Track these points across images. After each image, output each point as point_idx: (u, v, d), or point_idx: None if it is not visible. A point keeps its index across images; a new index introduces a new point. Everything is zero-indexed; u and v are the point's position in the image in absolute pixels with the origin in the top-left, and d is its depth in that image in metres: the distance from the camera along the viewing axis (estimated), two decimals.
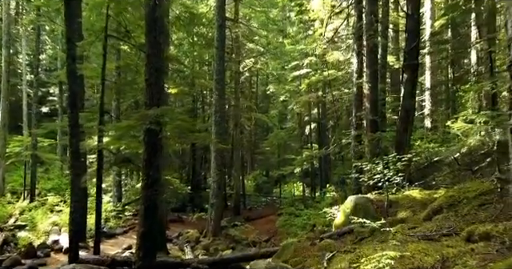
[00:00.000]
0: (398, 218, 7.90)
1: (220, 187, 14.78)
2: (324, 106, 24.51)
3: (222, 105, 14.81)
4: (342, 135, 20.97)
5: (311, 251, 7.66)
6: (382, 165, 9.01)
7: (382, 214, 8.74)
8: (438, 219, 5.49)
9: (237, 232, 15.67)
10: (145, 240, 7.15)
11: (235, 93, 21.39)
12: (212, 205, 14.68)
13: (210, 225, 14.67)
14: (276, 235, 16.94)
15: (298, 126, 26.12)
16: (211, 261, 8.83)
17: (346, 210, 9.44)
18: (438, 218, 5.55)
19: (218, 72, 14.78)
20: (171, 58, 8.91)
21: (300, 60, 22.69)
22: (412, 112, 13.40)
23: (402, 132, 13.01)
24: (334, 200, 17.61)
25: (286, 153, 29.12)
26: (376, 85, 13.37)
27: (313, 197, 21.87)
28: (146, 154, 7.38)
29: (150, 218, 7.27)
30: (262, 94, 37.07)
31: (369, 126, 13.21)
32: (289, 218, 18.06)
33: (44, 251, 11.57)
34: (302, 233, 15.31)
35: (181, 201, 23.41)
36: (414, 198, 8.82)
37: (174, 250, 13.25)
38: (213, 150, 14.79)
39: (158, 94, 7.45)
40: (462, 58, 24.33)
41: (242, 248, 14.42)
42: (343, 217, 9.45)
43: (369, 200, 9.17)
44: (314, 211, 17.49)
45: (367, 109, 13.25)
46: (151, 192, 7.28)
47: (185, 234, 14.74)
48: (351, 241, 7.72)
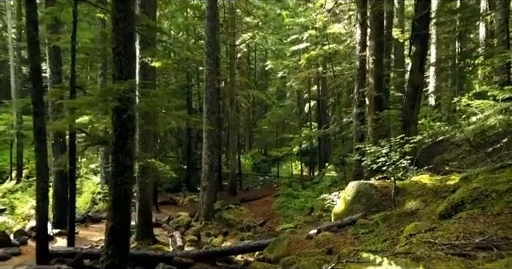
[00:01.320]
0: (406, 208, 6.81)
1: (212, 169, 13.71)
2: (324, 82, 23.18)
3: (213, 80, 13.54)
4: (343, 113, 19.77)
5: (307, 247, 6.62)
6: (389, 147, 7.85)
7: (388, 203, 7.67)
8: (463, 219, 4.39)
9: (231, 215, 14.71)
10: (115, 236, 6.09)
11: (230, 68, 20.03)
12: (204, 188, 13.65)
13: (201, 208, 13.69)
14: (272, 218, 16.02)
15: (296, 104, 24.87)
16: (195, 254, 7.83)
17: (346, 198, 8.37)
18: (461, 218, 4.45)
19: (209, 44, 13.44)
20: (143, 23, 7.57)
21: (299, 34, 21.22)
22: (420, 88, 12.12)
23: (408, 110, 11.78)
24: (333, 181, 16.60)
25: (285, 132, 28.00)
26: (381, 58, 12.07)
27: (311, 177, 20.86)
28: (115, 137, 6.22)
29: (120, 210, 6.20)
30: (261, 71, 35.60)
31: (372, 104, 11.99)
32: (286, 199, 17.12)
33: (21, 239, 10.61)
34: (299, 217, 14.40)
35: (176, 181, 22.44)
36: (423, 185, 7.70)
37: (163, 236, 12.29)
38: (204, 129, 13.63)
39: (128, 65, 6.21)
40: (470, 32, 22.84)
41: (236, 233, 13.50)
42: (343, 205, 8.38)
43: (372, 187, 8.07)
44: (312, 193, 16.52)
45: (371, 84, 11.99)
46: (121, 181, 6.17)
47: (175, 218, 13.77)
48: (353, 235, 6.66)
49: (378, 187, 8.04)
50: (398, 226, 5.94)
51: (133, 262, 8.00)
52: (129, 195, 6.37)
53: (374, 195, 7.86)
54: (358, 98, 12.85)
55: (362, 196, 7.97)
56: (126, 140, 6.29)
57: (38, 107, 7.56)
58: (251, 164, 28.78)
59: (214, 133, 13.87)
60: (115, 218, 6.21)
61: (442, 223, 4.63)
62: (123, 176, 6.25)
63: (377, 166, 8.47)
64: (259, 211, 17.01)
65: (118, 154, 6.26)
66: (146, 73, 10.72)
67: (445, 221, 4.79)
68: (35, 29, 7.61)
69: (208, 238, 12.65)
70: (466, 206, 4.87)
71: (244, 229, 13.75)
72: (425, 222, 4.85)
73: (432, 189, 7.37)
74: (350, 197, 8.21)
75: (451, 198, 5.29)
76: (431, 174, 8.53)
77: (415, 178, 8.46)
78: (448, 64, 22.44)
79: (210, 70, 13.50)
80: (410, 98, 11.99)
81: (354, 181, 8.74)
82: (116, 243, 6.17)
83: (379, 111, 11.93)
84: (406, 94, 12.25)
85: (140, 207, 10.86)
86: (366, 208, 7.75)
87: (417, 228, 4.60)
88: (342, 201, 8.46)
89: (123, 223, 6.27)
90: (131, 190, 6.54)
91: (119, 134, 6.25)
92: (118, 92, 5.77)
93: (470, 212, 4.55)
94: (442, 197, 6.52)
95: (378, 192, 7.92)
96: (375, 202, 7.76)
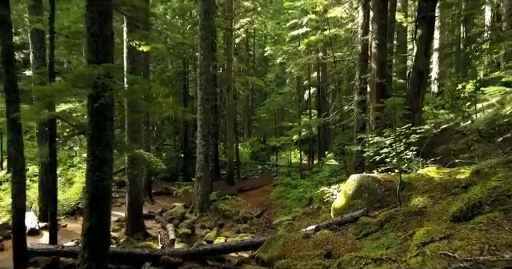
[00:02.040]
0: (413, 205, 6.19)
1: (207, 159, 13.08)
2: (324, 68, 22.35)
3: (208, 66, 12.79)
4: (343, 101, 19.04)
5: (304, 248, 6.03)
6: (394, 137, 7.17)
7: (392, 198, 7.05)
8: (483, 224, 3.76)
9: (227, 206, 14.14)
10: (92, 238, 5.48)
11: (227, 54, 19.21)
12: (199, 178, 13.04)
13: (196, 200, 13.11)
14: (270, 209, 15.45)
15: (296, 91, 24.08)
16: (185, 253, 7.25)
17: (347, 192, 7.75)
18: (481, 223, 3.82)
19: (204, 28, 12.64)
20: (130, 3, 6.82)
21: (299, 18, 20.33)
22: (426, 74, 11.43)
23: (413, 97, 11.10)
24: (332, 171, 15.99)
25: (284, 120, 27.30)
26: (384, 42, 11.30)
27: (310, 166, 20.25)
28: (91, 128, 5.56)
29: (98, 209, 5.58)
30: (260, 57, 34.68)
31: (375, 91, 11.28)
32: (284, 189, 16.51)
33: (5, 233, 10.01)
34: (297, 209, 13.83)
35: (172, 170, 21.87)
36: (430, 179, 7.07)
37: (156, 228, 11.74)
38: (198, 118, 12.94)
39: (103, 47, 5.51)
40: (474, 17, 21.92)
41: (232, 225, 12.94)
42: (344, 199, 7.77)
43: (375, 180, 7.44)
44: (311, 183, 15.91)
45: (373, 70, 11.26)
46: (99, 176, 5.53)
47: (169, 210, 13.20)
48: (354, 235, 6.05)
49: (381, 181, 7.41)
50: (404, 227, 5.32)
51: (118, 260, 7.46)
52: (108, 192, 5.74)
53: (377, 190, 7.24)
54: (360, 85, 12.13)
55: (364, 190, 7.36)
56: (103, 131, 5.62)
57: (11, 95, 6.87)
58: (250, 152, 28.17)
59: (209, 121, 13.20)
60: (92, 218, 5.59)
61: (457, 228, 3.99)
62: (101, 171, 5.61)
63: (380, 157, 7.85)
64: (257, 202, 16.44)
65: (94, 147, 5.61)
66: (133, 58, 9.99)
67: (460, 225, 4.15)
68: (6, 8, 6.87)
69: (203, 230, 12.10)
70: (484, 208, 4.23)
71: (240, 221, 13.20)
72: (437, 227, 4.21)
73: (440, 184, 6.74)
74: (351, 191, 7.59)
75: (466, 198, 4.65)
76: (438, 166, 7.88)
77: (421, 171, 7.83)
78: (452, 49, 21.60)
79: (204, 56, 12.74)
80: (414, 85, 11.29)
81: (356, 174, 8.11)
82: (93, 245, 5.56)
83: (382, 99, 11.23)
84: (411, 80, 11.55)
85: (130, 200, 10.26)
86: (368, 204, 7.14)
87: (429, 234, 3.97)
88: (343, 195, 7.84)
89: (102, 223, 5.65)
90: (110, 187, 5.91)
91: (96, 124, 5.58)
92: (91, 77, 5.08)
93: (491, 216, 3.92)
94: (453, 193, 5.90)
95: (382, 186, 7.29)
96: (378, 197, 7.15)
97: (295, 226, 12.01)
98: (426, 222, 5.08)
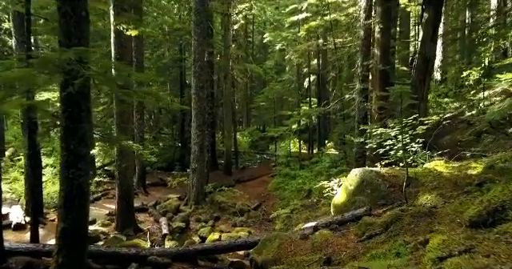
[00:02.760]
0: (421, 204, 5.61)
1: (202, 150, 12.50)
2: (325, 55, 21.61)
3: (202, 52, 12.09)
4: (344, 89, 18.37)
5: (301, 251, 5.47)
6: (400, 129, 6.55)
7: (397, 195, 6.48)
8: (510, 235, 3.19)
9: (223, 198, 13.61)
10: (67, 240, 4.94)
11: (225, 40, 18.45)
12: (194, 170, 12.47)
13: (191, 192, 12.58)
14: (268, 200, 14.94)
15: (296, 79, 23.35)
16: (174, 253, 6.71)
17: (348, 188, 7.18)
18: (507, 233, 3.25)
19: (198, 12, 11.90)
20: None
21: (299, 3, 19.49)
22: (432, 60, 10.74)
23: (418, 85, 10.45)
24: (332, 162, 15.42)
25: (283, 108, 26.63)
26: (389, 26, 10.59)
27: (310, 155, 19.67)
28: (65, 119, 4.96)
29: (74, 208, 5.02)
30: (259, 44, 33.82)
31: (378, 78, 10.63)
32: (283, 180, 15.98)
33: None
34: (295, 201, 13.31)
35: (169, 159, 21.34)
36: (439, 174, 6.49)
37: (148, 222, 11.23)
38: (193, 107, 12.31)
39: (77, 29, 4.87)
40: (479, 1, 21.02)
41: (228, 218, 12.43)
42: (345, 195, 7.20)
43: (379, 175, 6.86)
44: (310, 173, 15.36)
45: (376, 57, 10.58)
46: (74, 173, 4.95)
47: (163, 203, 12.66)
48: (356, 237, 5.49)
49: (385, 176, 6.82)
50: (413, 230, 4.76)
51: (103, 260, 6.94)
52: (84, 190, 5.16)
53: (381, 186, 6.66)
54: (362, 72, 11.45)
55: (367, 186, 6.78)
56: (78, 123, 5.02)
57: None
58: (249, 142, 27.59)
59: (203, 111, 12.57)
60: (67, 219, 5.03)
61: (478, 238, 3.41)
62: (76, 168, 5.02)
63: (384, 150, 7.25)
64: (254, 193, 15.93)
65: (68, 141, 5.01)
66: (122, 43, 9.31)
67: (481, 233, 3.57)
68: None
69: (198, 224, 11.60)
70: (508, 213, 3.65)
71: (237, 213, 12.69)
72: (454, 235, 3.63)
73: (450, 179, 6.16)
74: (353, 187, 7.02)
75: (485, 200, 4.07)
76: (446, 160, 7.29)
77: (428, 164, 7.24)
78: (457, 35, 20.79)
79: (198, 41, 12.04)
80: (419, 72, 10.62)
81: (357, 167, 7.52)
82: (69, 249, 5.01)
83: (385, 87, 10.60)
84: (415, 67, 10.88)
85: (120, 193, 9.72)
86: (372, 201, 6.57)
87: (445, 245, 3.39)
88: (343, 191, 7.27)
89: (78, 224, 5.09)
90: (88, 184, 5.33)
91: (69, 115, 4.98)
92: (60, 63, 4.44)
93: None
94: (466, 192, 5.32)
95: (386, 182, 6.71)
96: (382, 194, 6.57)
97: (293, 219, 11.50)
98: (437, 226, 4.51)
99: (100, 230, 9.53)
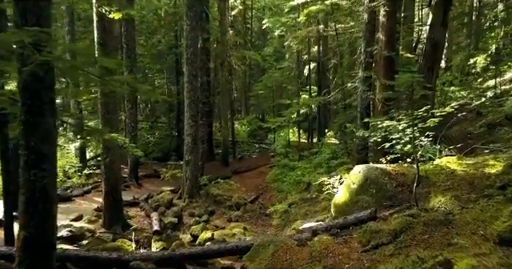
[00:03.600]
0: (433, 208, 4.94)
1: (196, 141, 11.78)
2: (326, 42, 20.70)
3: (195, 38, 11.27)
4: (345, 77, 17.56)
5: (298, 260, 4.81)
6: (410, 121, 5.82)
7: (405, 195, 5.78)
8: None
9: (219, 191, 12.97)
10: (29, 251, 4.28)
11: (221, 26, 17.54)
12: (187, 162, 11.79)
13: (185, 185, 11.93)
14: (265, 193, 14.31)
15: (295, 66, 22.46)
16: (159, 257, 6.07)
17: (350, 186, 6.48)
18: None
19: None
20: None
21: None
22: (442, 46, 9.94)
23: (426, 73, 9.64)
24: (333, 153, 14.72)
25: (282, 97, 25.81)
26: (395, 9, 9.76)
27: (310, 146, 18.96)
28: (23, 113, 4.24)
29: (37, 214, 4.35)
30: (259, 31, 32.74)
31: (382, 66, 9.83)
32: (281, 172, 15.29)
33: None
34: (294, 196, 12.68)
35: (165, 149, 20.65)
36: (452, 173, 5.79)
37: (139, 217, 10.61)
38: (186, 96, 11.56)
39: (35, 7, 4.11)
40: None
41: (224, 212, 11.81)
42: (347, 194, 6.51)
43: (385, 173, 6.15)
44: (309, 165, 14.67)
45: (381, 42, 9.77)
46: (36, 174, 4.26)
47: (156, 196, 12.02)
48: (361, 245, 4.82)
49: (391, 174, 6.12)
50: (427, 242, 4.07)
51: (83, 263, 6.30)
52: (49, 193, 4.45)
53: (387, 185, 5.97)
54: (365, 59, 10.63)
55: (372, 185, 6.08)
56: (40, 117, 4.29)
57: None
58: (247, 131, 26.81)
59: (197, 100, 11.81)
60: (29, 227, 4.34)
61: None
62: (38, 168, 4.31)
63: (390, 144, 6.55)
64: (252, 185, 15.28)
65: (29, 138, 4.29)
66: (105, 27, 8.50)
67: None
68: None
69: (191, 218, 10.98)
70: None
71: (233, 207, 12.06)
72: (485, 259, 2.94)
73: (465, 179, 5.45)
74: (356, 185, 6.32)
75: None
76: (459, 156, 6.57)
77: (439, 161, 6.52)
78: (464, 20, 19.85)
79: (191, 26, 11.20)
80: (428, 59, 9.82)
81: (360, 164, 6.80)
82: (32, 261, 4.34)
83: (390, 75, 9.82)
84: (424, 53, 10.08)
85: (106, 189, 9.05)
86: (376, 202, 5.89)
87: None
88: (345, 189, 6.58)
89: (42, 232, 4.40)
90: (54, 186, 4.63)
91: (29, 108, 4.24)
92: (10, 46, 3.69)
93: None
94: (486, 195, 4.63)
95: (393, 181, 6.01)
96: (388, 194, 5.88)
97: (291, 214, 10.86)
98: (456, 238, 3.83)
99: (86, 227, 8.89)
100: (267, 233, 10.24)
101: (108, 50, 8.66)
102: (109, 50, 8.67)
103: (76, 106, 13.50)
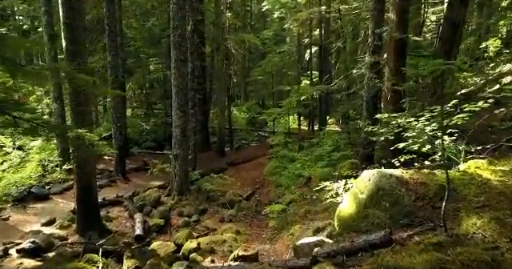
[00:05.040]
0: (466, 234, 3.75)
1: (185, 134, 10.55)
2: (328, 24, 19.17)
3: (182, 18, 9.90)
4: (349, 62, 16.19)
5: None
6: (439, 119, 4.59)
7: (427, 213, 4.58)
8: None
9: (212, 186, 11.83)
10: None
11: (216, 7, 16.09)
12: (176, 156, 10.60)
13: (173, 181, 10.77)
14: (263, 187, 13.17)
15: (296, 50, 20.99)
16: None
17: (358, 195, 5.29)
18: None
19: None
20: None
21: None
22: (461, 26, 8.58)
23: (442, 57, 8.37)
24: (335, 145, 13.50)
25: (282, 83, 24.45)
26: None
27: (310, 135, 17.71)
28: None
29: None
30: (258, 13, 31.06)
31: (393, 49, 8.48)
32: (280, 163, 14.10)
33: None
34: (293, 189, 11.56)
35: (159, 138, 19.45)
36: (485, 183, 4.58)
37: (121, 219, 9.46)
38: (173, 84, 10.29)
39: None
40: None
41: (216, 210, 10.71)
42: (354, 206, 5.32)
43: (401, 182, 4.94)
44: (310, 157, 13.45)
45: (393, 22, 8.40)
46: None
47: (142, 193, 10.86)
48: None
49: (409, 184, 4.91)
50: None
51: None
52: None
53: (404, 198, 4.76)
54: (373, 42, 9.28)
55: (385, 197, 4.89)
56: None
57: None
58: (246, 118, 25.57)
59: (185, 88, 10.52)
60: None
61: None
62: None
63: (405, 144, 5.34)
64: (249, 178, 14.15)
65: None
66: (72, 5, 7.17)
67: None
68: None
69: (180, 218, 9.88)
70: None
71: (226, 205, 10.95)
72: None
73: (504, 193, 4.26)
74: (365, 195, 5.13)
75: None
76: (490, 159, 5.34)
77: (466, 166, 5.30)
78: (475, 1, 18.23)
79: (178, 5, 9.82)
80: (445, 41, 8.47)
81: (369, 170, 5.57)
82: None
83: (402, 60, 8.51)
84: (440, 34, 8.75)
85: (78, 191, 7.88)
86: (391, 218, 4.71)
87: None
88: (352, 199, 5.39)
89: None
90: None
91: None
92: None
93: None
94: None
95: (411, 192, 4.81)
96: (406, 209, 4.69)
97: (289, 214, 9.73)
98: None
99: (57, 233, 7.78)
100: (263, 236, 9.17)
101: (76, 32, 7.37)
102: (77, 32, 7.38)
103: (57, 97, 12.20)
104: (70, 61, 7.45)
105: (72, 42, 7.44)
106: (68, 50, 7.47)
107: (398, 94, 8.53)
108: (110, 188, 11.74)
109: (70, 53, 7.48)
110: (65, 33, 7.37)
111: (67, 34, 7.36)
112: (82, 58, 7.58)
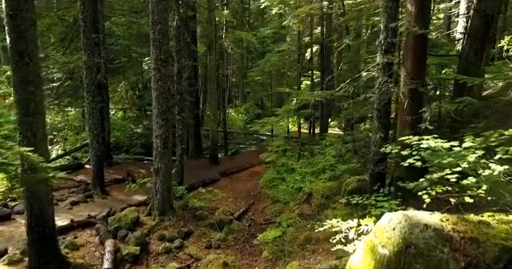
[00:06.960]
0: None
1: (167, 145, 9.04)
2: (330, 22, 17.63)
3: (162, 12, 8.36)
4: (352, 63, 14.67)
5: None
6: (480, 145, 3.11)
7: None
8: None
9: (200, 202, 10.33)
10: None
11: (208, 2, 14.55)
12: (157, 171, 9.09)
13: (154, 199, 9.26)
14: (258, 202, 11.71)
15: (296, 49, 19.43)
16: None
17: (379, 250, 3.74)
18: None
19: None
20: None
21: None
22: (496, 20, 7.05)
23: (471, 58, 6.84)
24: (338, 154, 11.97)
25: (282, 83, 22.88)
26: None
27: (311, 140, 16.19)
28: None
29: None
30: (257, 11, 29.47)
31: (411, 48, 6.95)
32: (278, 173, 12.58)
33: None
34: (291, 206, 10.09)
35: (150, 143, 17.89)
36: None
37: (90, 246, 7.95)
38: (152, 87, 8.79)
39: None
40: None
41: (203, 232, 9.22)
42: (372, 263, 3.79)
43: (441, 237, 3.40)
44: (310, 169, 11.88)
45: (411, 15, 6.87)
46: None
47: (118, 213, 9.33)
48: None
49: (453, 240, 3.37)
50: None
51: None
52: None
53: (449, 263, 3.23)
54: (386, 39, 7.72)
55: (418, 259, 3.36)
56: None
57: None
58: (244, 120, 24.05)
59: (167, 92, 8.99)
60: None
61: None
62: None
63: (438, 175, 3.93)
64: (243, 190, 12.66)
65: None
66: None
67: None
68: None
69: (160, 244, 8.43)
70: None
71: (215, 226, 9.47)
72: None
73: None
74: (388, 251, 3.60)
75: None
76: None
77: None
78: None
79: None
80: (474, 38, 6.92)
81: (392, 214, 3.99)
82: None
83: (421, 60, 6.99)
84: (469, 30, 7.19)
85: (29, 221, 6.39)
86: None
87: None
88: (370, 253, 3.85)
89: None
90: None
91: None
92: None
93: None
94: None
95: (458, 255, 3.27)
96: None
97: (286, 244, 8.25)
98: None
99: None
100: None
101: (22, 25, 5.87)
102: (23, 25, 5.88)
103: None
104: (16, 61, 5.98)
105: (18, 38, 5.95)
106: (13, 48, 5.98)
107: (417, 101, 7.03)
108: (85, 205, 10.25)
109: (17, 52, 6.00)
110: (8, 26, 5.89)
111: (11, 27, 5.87)
112: (31, 57, 6.08)
